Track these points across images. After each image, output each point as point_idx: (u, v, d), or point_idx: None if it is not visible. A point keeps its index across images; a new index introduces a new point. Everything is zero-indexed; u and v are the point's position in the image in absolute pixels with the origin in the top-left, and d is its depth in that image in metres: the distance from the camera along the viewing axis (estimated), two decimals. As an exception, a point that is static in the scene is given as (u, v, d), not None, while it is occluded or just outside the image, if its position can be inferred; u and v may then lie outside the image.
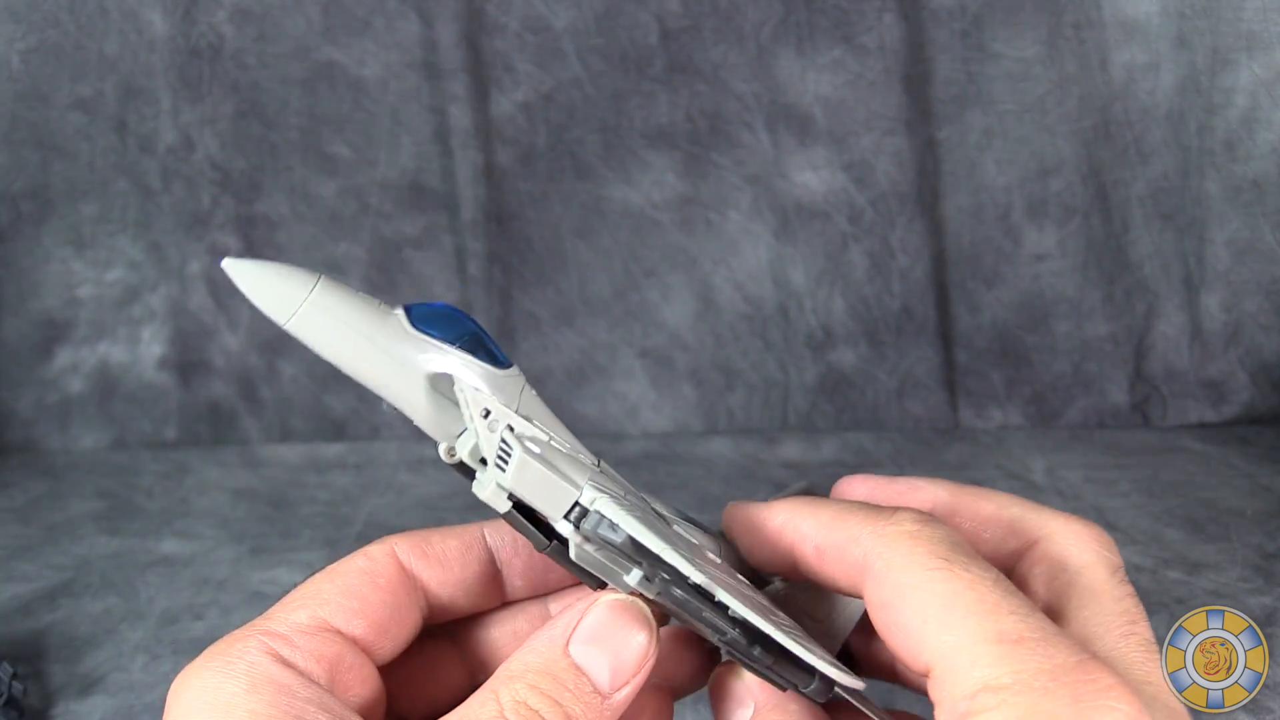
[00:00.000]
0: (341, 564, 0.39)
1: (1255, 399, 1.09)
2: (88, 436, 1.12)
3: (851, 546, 0.34)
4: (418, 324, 0.37)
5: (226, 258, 0.34)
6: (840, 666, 0.35)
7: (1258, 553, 0.82)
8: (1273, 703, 0.63)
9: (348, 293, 0.36)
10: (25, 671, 0.71)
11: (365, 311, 0.36)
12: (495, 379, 0.37)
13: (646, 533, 0.34)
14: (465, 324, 0.37)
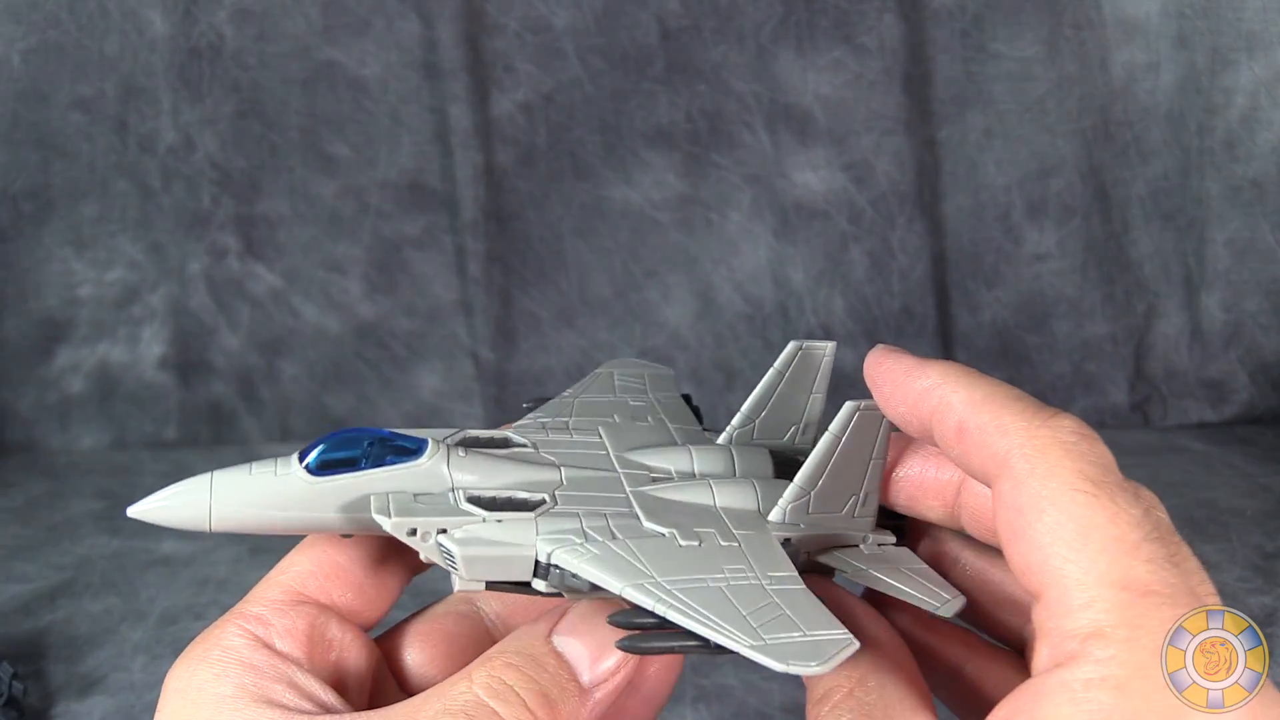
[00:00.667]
0: (316, 534, 0.40)
1: (1255, 399, 1.10)
2: (88, 436, 1.11)
3: (998, 436, 0.32)
4: (317, 471, 0.38)
5: (130, 509, 0.38)
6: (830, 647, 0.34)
7: (1258, 553, 0.82)
8: (1273, 703, 0.62)
9: (242, 477, 0.38)
10: (25, 671, 0.71)
11: (265, 490, 0.37)
12: (418, 472, 0.38)
13: (604, 576, 0.35)
14: (360, 440, 0.38)
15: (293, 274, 1.10)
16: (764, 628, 0.34)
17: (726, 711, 0.66)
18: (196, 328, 1.11)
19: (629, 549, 0.37)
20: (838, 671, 0.32)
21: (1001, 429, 0.32)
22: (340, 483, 0.37)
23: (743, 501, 0.41)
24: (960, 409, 0.34)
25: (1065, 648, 0.28)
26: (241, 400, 1.12)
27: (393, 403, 1.12)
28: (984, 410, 0.33)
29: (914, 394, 0.36)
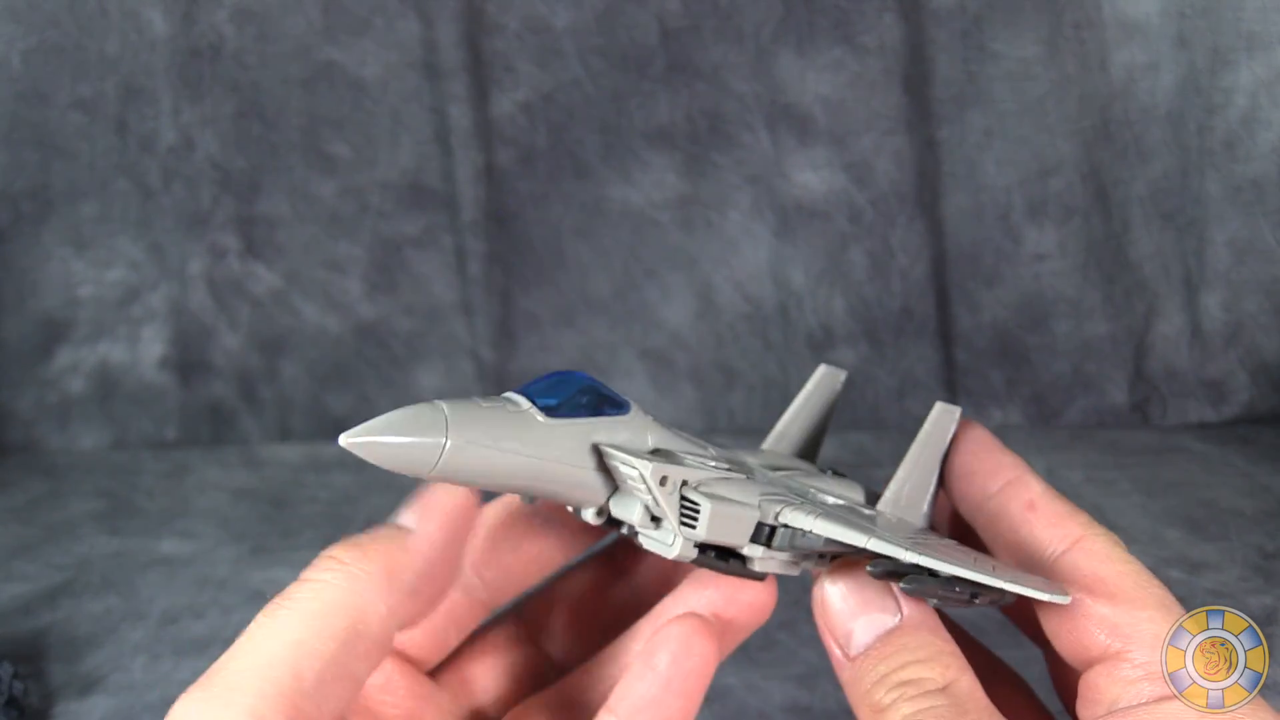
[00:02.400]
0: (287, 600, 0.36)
1: (1255, 399, 1.09)
2: (88, 436, 1.12)
3: (1071, 522, 0.39)
4: (553, 412, 0.34)
5: (343, 436, 0.31)
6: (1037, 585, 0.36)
7: (1258, 553, 0.82)
8: (1273, 703, 0.63)
9: (476, 411, 0.33)
10: (25, 671, 0.71)
11: (503, 427, 0.33)
12: (629, 427, 0.36)
13: (842, 530, 0.35)
14: (580, 383, 0.36)
15: (293, 274, 1.10)
16: (992, 570, 0.36)
17: (727, 711, 0.66)
18: (196, 328, 1.11)
19: (837, 511, 0.38)
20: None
21: (1076, 519, 0.40)
22: (574, 427, 0.34)
23: (857, 495, 0.44)
24: (1036, 488, 0.41)
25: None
26: (241, 400, 1.12)
27: (393, 403, 1.12)
28: (1057, 499, 0.41)
29: (999, 464, 0.43)
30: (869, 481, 0.50)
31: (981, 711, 0.35)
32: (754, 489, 0.37)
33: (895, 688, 0.36)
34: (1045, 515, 0.40)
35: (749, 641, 0.73)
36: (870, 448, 1.07)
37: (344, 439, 0.31)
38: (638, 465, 0.34)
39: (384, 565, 0.34)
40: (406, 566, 0.34)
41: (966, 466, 0.44)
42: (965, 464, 0.44)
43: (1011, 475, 0.42)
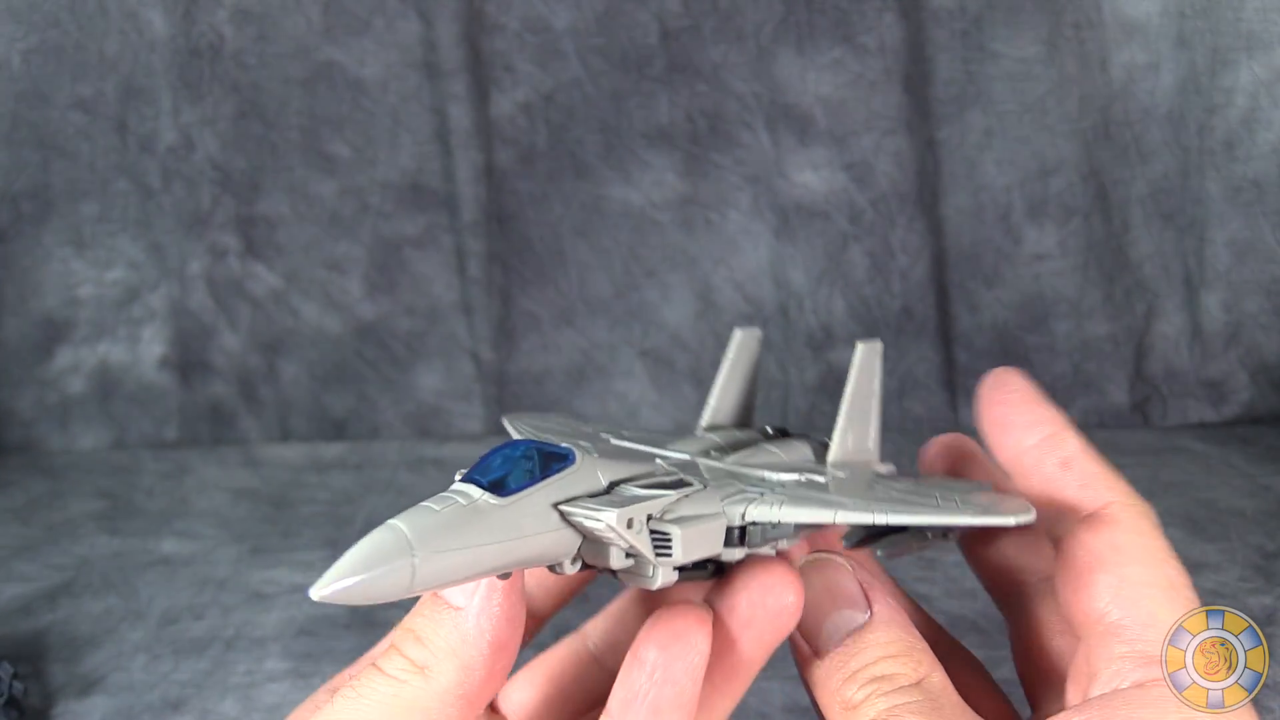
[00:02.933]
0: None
1: (1255, 399, 1.09)
2: (88, 436, 1.12)
3: (1104, 486, 0.39)
4: (504, 491, 0.34)
5: (313, 590, 0.30)
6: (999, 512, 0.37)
7: (1258, 553, 0.82)
8: (1273, 703, 0.63)
9: (433, 522, 0.33)
10: (25, 671, 0.71)
11: (464, 524, 0.33)
12: (578, 476, 0.36)
13: (809, 511, 0.37)
14: (520, 450, 0.35)
15: (293, 274, 1.10)
16: (958, 506, 0.37)
17: (726, 711, 0.66)
18: (196, 328, 1.11)
19: (798, 492, 0.38)
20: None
21: (1108, 483, 0.40)
22: (530, 498, 0.34)
23: (806, 455, 0.45)
24: (1072, 445, 0.41)
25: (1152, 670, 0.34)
26: (241, 400, 1.12)
27: (393, 403, 1.12)
28: (1093, 459, 0.41)
29: (1038, 416, 0.42)
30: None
31: (954, 707, 0.35)
32: (714, 496, 0.37)
33: (867, 684, 0.36)
34: (1079, 474, 0.40)
35: (749, 641, 0.73)
36: (870, 448, 1.07)
37: (315, 592, 0.30)
38: (602, 518, 0.34)
39: (457, 665, 0.34)
40: (477, 661, 0.34)
41: (1005, 418, 0.43)
42: (1003, 415, 0.43)
43: (1049, 430, 0.42)
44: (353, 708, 0.33)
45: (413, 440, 1.11)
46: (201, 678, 0.71)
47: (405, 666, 0.34)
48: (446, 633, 0.34)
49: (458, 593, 0.34)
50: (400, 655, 0.34)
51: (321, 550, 0.88)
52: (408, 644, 0.34)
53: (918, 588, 0.79)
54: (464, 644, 0.34)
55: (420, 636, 0.34)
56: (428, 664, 0.33)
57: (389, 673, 0.34)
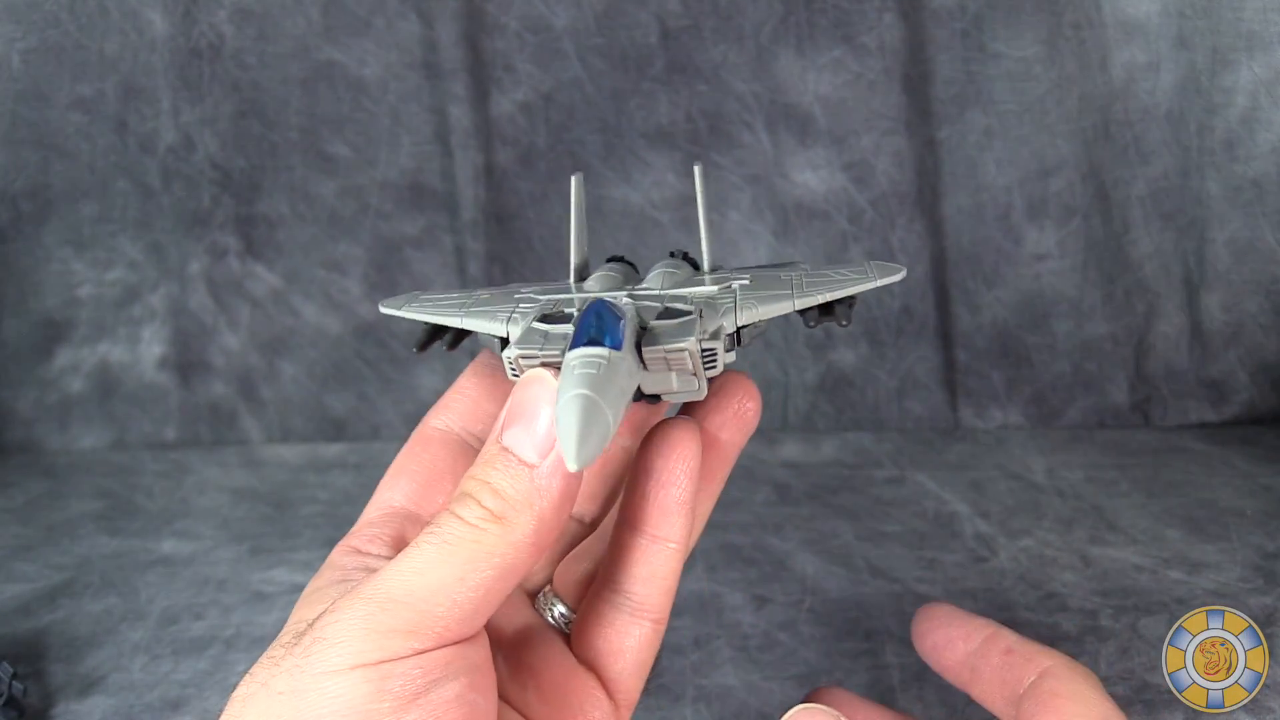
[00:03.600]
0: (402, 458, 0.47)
1: (1255, 399, 1.10)
2: (88, 436, 1.12)
3: (1044, 656, 0.45)
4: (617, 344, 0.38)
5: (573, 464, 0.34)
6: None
7: (1258, 553, 0.82)
8: (1273, 703, 0.63)
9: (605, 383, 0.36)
10: (25, 671, 0.71)
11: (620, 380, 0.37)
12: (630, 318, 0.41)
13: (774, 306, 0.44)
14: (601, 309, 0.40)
15: (293, 274, 1.10)
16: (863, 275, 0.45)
17: (727, 711, 0.66)
18: (196, 328, 1.11)
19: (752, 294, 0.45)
20: None
21: (1047, 653, 0.45)
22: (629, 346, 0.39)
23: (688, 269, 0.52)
24: (1011, 639, 0.47)
25: None
26: (241, 400, 1.12)
27: (393, 403, 1.12)
28: (1030, 643, 0.47)
29: (971, 626, 0.49)
30: (868, 482, 0.54)
31: None
32: (715, 313, 0.43)
33: None
34: (1022, 655, 0.46)
35: (749, 642, 0.73)
36: (870, 448, 1.07)
37: (576, 464, 0.34)
38: (684, 345, 0.39)
39: (531, 515, 0.37)
40: (549, 512, 0.37)
41: (945, 638, 0.49)
42: (943, 636, 0.49)
43: (986, 632, 0.48)
44: (437, 554, 0.36)
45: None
46: (201, 678, 0.71)
47: (484, 515, 0.36)
48: (523, 486, 0.36)
49: (529, 449, 0.37)
50: (479, 505, 0.37)
51: (321, 550, 0.88)
52: (484, 495, 0.37)
53: (917, 588, 0.79)
54: (539, 496, 0.36)
55: (497, 489, 0.37)
56: (505, 514, 0.36)
57: (469, 520, 0.36)
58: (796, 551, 0.86)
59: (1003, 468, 1.02)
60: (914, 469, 1.02)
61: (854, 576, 0.81)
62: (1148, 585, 0.78)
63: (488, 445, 0.38)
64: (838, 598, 0.79)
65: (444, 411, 0.48)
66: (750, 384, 0.46)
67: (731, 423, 0.47)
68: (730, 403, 0.46)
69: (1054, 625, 0.73)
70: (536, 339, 0.39)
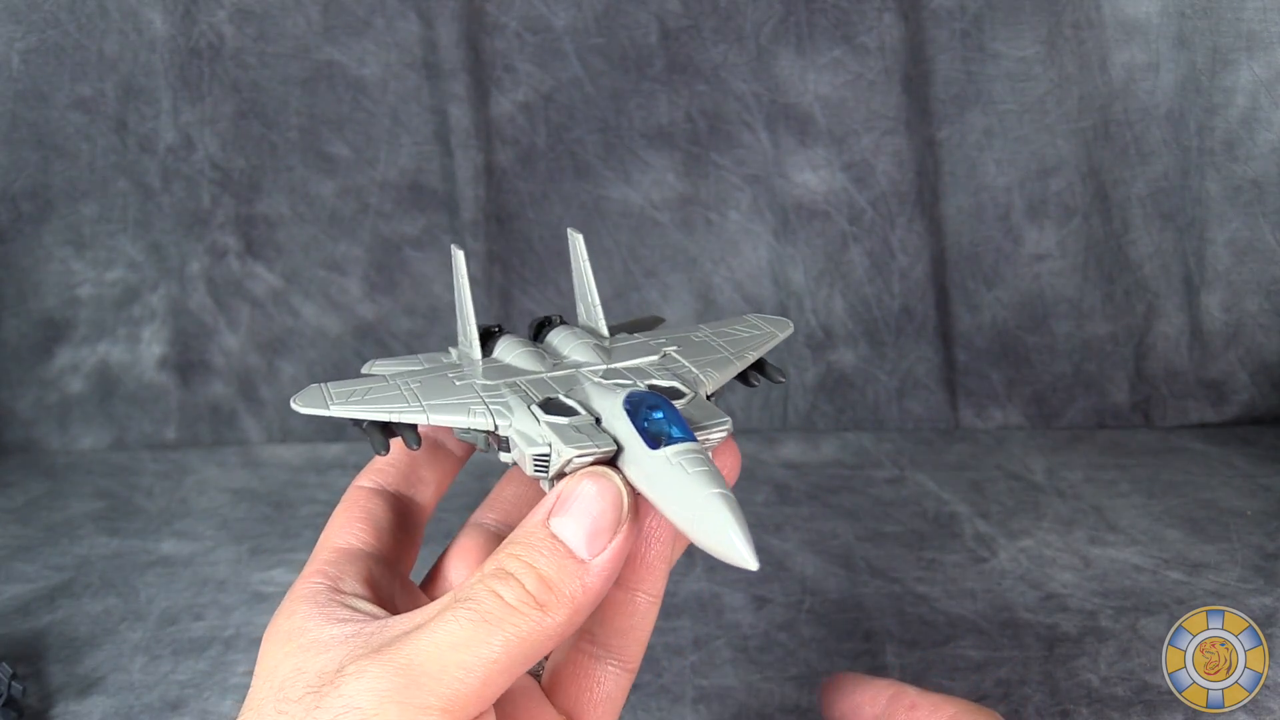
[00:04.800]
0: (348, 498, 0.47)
1: (1255, 399, 1.09)
2: (88, 436, 1.12)
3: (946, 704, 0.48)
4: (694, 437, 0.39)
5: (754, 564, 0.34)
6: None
7: (1258, 553, 0.82)
8: (1273, 703, 0.63)
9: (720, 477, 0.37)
10: (25, 671, 0.71)
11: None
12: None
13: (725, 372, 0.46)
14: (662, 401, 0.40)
15: (293, 274, 1.10)
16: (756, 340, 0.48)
17: (726, 712, 0.66)
18: (196, 328, 1.11)
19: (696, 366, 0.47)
20: None
21: (950, 702, 0.48)
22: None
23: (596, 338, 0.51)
24: (914, 695, 0.49)
25: None
26: (241, 400, 1.12)
27: (393, 403, 1.12)
28: (932, 695, 0.49)
29: (875, 688, 0.50)
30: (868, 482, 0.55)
31: None
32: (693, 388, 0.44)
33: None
34: (925, 709, 0.48)
35: (749, 642, 0.73)
36: (870, 448, 1.07)
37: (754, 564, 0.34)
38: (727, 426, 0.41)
39: (570, 611, 0.37)
40: (585, 611, 0.37)
41: (851, 705, 0.51)
42: (849, 705, 0.51)
43: (890, 691, 0.50)
44: (474, 632, 0.35)
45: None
46: (201, 678, 0.71)
47: (527, 601, 0.36)
48: (571, 579, 0.37)
49: (581, 543, 0.37)
50: (522, 588, 0.36)
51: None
52: (529, 579, 0.36)
53: (917, 588, 0.79)
54: (583, 593, 0.37)
55: (544, 576, 0.36)
56: (547, 603, 0.36)
57: (510, 601, 0.36)
58: (796, 552, 0.86)
59: (1003, 468, 1.02)
60: (914, 469, 1.02)
61: (854, 577, 0.81)
62: (1148, 585, 0.78)
63: (531, 527, 0.38)
64: (837, 598, 0.78)
65: (376, 475, 0.48)
66: (732, 444, 0.44)
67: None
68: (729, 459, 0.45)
69: (1054, 625, 0.73)
70: (577, 436, 0.39)
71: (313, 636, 0.38)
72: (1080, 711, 0.61)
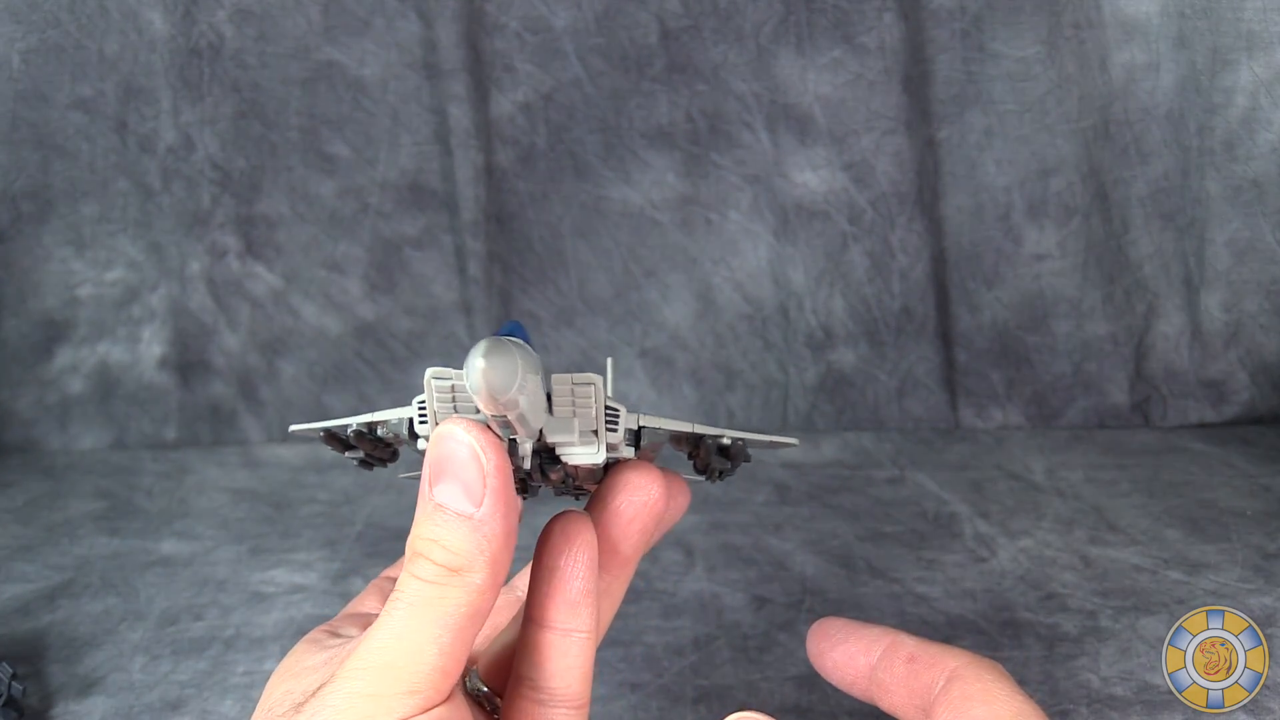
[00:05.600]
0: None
1: (1255, 399, 1.10)
2: (88, 436, 1.12)
3: (949, 657, 0.43)
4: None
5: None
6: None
7: (1258, 553, 0.82)
8: (1273, 703, 0.62)
9: None
10: (25, 671, 0.71)
11: None
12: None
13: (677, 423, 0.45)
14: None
15: (293, 274, 1.10)
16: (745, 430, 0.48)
17: (726, 712, 0.66)
18: (196, 328, 1.11)
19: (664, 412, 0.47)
20: None
21: (952, 654, 0.43)
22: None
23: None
24: (912, 645, 0.45)
25: None
26: (241, 400, 1.12)
27: (393, 403, 1.12)
28: (931, 645, 0.44)
29: (869, 636, 0.47)
30: (868, 482, 0.53)
31: None
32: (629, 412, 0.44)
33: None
34: (926, 660, 0.44)
35: (749, 642, 0.73)
36: (870, 448, 1.07)
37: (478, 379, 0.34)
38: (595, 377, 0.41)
39: (485, 561, 0.38)
40: (500, 555, 0.38)
41: (844, 654, 0.48)
42: (842, 653, 0.48)
43: (886, 640, 0.46)
44: (408, 616, 0.37)
45: (412, 440, 1.11)
46: (201, 678, 0.71)
47: (440, 571, 0.38)
48: (468, 535, 0.38)
49: (462, 500, 0.38)
50: (432, 563, 0.38)
51: (321, 550, 0.88)
52: (435, 551, 0.38)
53: (917, 588, 0.79)
54: (486, 541, 0.37)
55: (445, 544, 0.38)
56: (460, 566, 0.37)
57: (427, 578, 0.37)
58: (796, 552, 0.86)
59: (1003, 468, 1.02)
60: (914, 469, 1.02)
61: (854, 577, 0.81)
62: (1148, 585, 0.78)
63: (421, 505, 0.39)
64: (837, 598, 0.78)
65: (398, 567, 0.51)
66: (649, 476, 0.44)
67: (636, 515, 0.45)
68: (630, 494, 0.45)
69: (1054, 625, 0.73)
70: (444, 393, 0.40)
71: (303, 665, 0.41)
72: (1080, 711, 0.61)
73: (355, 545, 0.90)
